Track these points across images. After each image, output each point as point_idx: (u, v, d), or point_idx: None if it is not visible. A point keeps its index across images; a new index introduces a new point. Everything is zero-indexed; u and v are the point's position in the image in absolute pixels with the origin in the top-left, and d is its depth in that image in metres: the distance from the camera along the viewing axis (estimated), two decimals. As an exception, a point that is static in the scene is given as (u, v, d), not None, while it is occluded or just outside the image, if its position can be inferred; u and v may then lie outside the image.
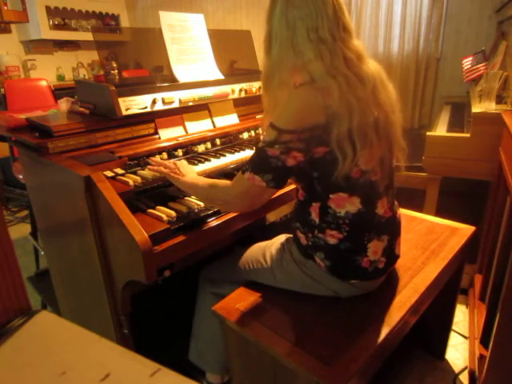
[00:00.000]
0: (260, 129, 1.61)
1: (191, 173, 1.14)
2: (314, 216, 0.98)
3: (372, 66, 0.94)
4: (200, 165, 1.29)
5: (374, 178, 0.95)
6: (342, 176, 0.89)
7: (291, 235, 1.12)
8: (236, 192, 0.97)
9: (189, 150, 1.37)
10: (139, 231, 0.91)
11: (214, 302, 1.08)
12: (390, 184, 1.02)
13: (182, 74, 1.47)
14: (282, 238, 1.17)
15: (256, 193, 0.94)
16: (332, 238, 0.97)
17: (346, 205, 0.94)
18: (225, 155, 1.39)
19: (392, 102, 0.97)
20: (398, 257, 1.10)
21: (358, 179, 0.92)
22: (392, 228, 1.04)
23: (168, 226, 0.99)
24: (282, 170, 0.89)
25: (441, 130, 1.93)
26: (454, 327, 1.64)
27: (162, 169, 1.14)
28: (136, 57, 1.70)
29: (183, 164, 1.18)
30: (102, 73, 1.81)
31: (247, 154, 1.41)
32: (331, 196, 0.94)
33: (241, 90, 1.65)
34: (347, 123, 0.85)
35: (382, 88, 0.94)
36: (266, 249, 1.15)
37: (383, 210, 1.00)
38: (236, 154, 1.41)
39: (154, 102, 1.34)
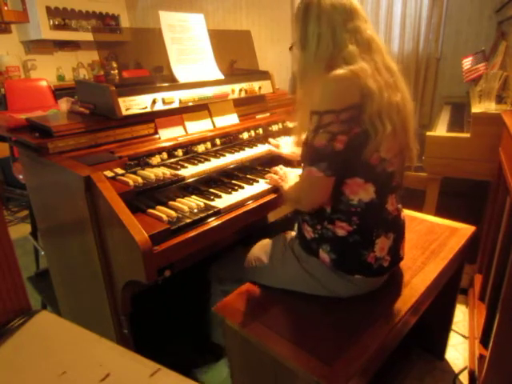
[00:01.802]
0: (260, 129, 1.61)
1: (291, 180, 1.20)
2: (326, 204, 0.99)
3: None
4: (200, 165, 1.28)
5: (391, 168, 0.98)
6: (371, 153, 0.92)
7: (292, 233, 1.13)
8: (303, 187, 1.02)
9: (189, 150, 1.37)
10: (139, 231, 0.91)
11: (223, 298, 1.08)
12: (400, 183, 1.05)
13: (181, 73, 1.47)
14: (283, 236, 1.18)
15: (319, 184, 0.96)
16: (341, 229, 0.98)
17: (360, 191, 0.96)
18: (225, 155, 1.39)
19: (406, 90, 1.01)
20: (401, 259, 1.11)
21: (376, 166, 0.95)
22: (397, 227, 1.06)
23: (168, 226, 0.99)
24: (333, 156, 0.91)
25: (441, 130, 1.93)
26: (453, 327, 1.64)
27: (273, 176, 1.27)
28: (136, 57, 1.70)
29: (286, 171, 1.28)
30: (102, 73, 1.81)
31: (247, 153, 1.41)
32: (347, 181, 0.96)
33: (241, 90, 1.65)
34: (378, 101, 0.89)
35: (396, 77, 0.99)
36: (268, 248, 1.15)
37: (392, 207, 1.02)
38: (236, 153, 1.41)
39: (153, 102, 1.34)
